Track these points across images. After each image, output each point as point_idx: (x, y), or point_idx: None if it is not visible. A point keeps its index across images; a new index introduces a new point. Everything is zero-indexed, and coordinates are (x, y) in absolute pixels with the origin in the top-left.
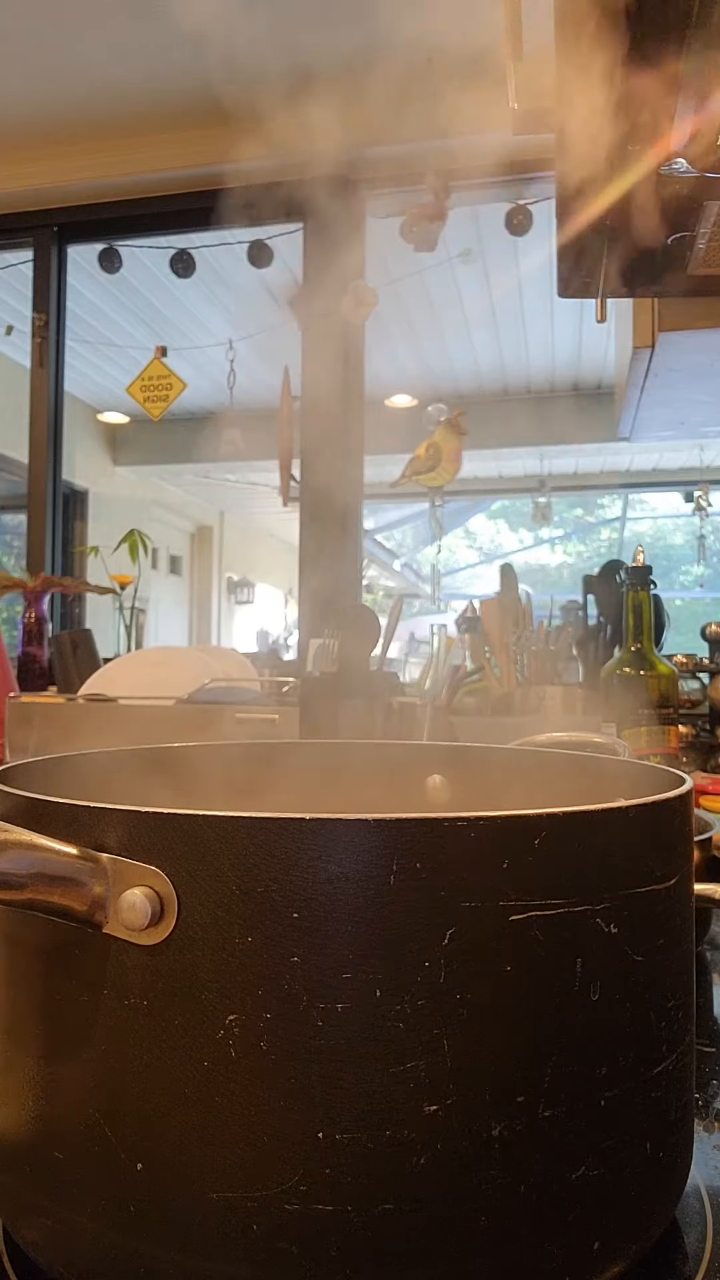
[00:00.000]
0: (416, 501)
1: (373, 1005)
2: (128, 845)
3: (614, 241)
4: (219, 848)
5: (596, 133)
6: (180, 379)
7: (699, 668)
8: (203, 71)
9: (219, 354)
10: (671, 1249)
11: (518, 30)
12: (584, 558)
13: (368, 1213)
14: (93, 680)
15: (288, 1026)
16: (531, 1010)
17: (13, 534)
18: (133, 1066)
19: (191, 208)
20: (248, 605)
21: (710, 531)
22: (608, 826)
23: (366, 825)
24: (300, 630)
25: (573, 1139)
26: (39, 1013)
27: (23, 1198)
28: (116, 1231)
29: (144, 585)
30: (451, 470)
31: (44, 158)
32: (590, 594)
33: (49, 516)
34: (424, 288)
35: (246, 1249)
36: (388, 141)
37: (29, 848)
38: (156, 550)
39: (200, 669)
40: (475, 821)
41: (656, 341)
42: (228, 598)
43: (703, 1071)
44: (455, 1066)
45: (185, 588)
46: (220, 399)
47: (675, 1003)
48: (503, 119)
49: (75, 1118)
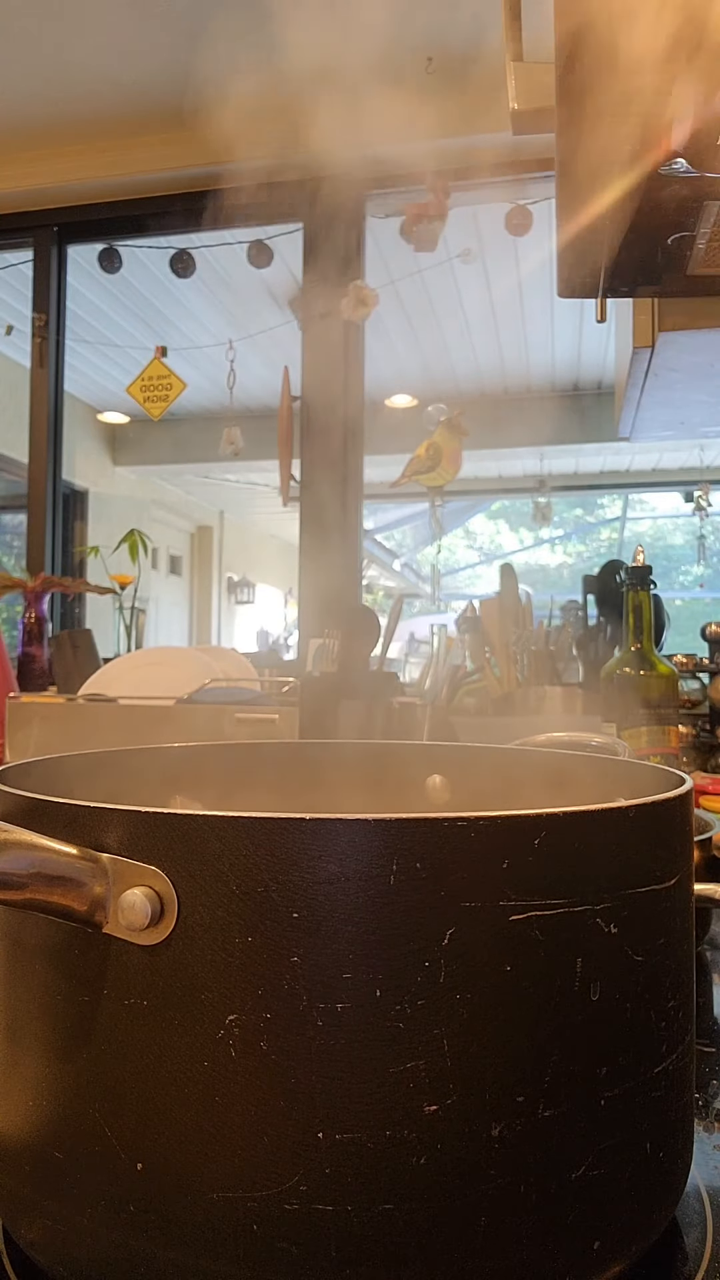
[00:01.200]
0: (416, 501)
1: (373, 1005)
2: (128, 845)
3: (613, 241)
4: (219, 848)
5: (597, 132)
6: (180, 379)
7: (699, 668)
8: (203, 71)
9: (219, 354)
10: (671, 1249)
11: (517, 30)
12: (584, 558)
13: (368, 1213)
14: (93, 680)
15: (288, 1026)
16: (531, 1010)
17: (13, 534)
18: (133, 1066)
19: (192, 208)
20: (248, 605)
21: (710, 531)
22: (608, 826)
23: (366, 825)
24: (300, 630)
25: (573, 1139)
26: (39, 1013)
27: (23, 1198)
28: (116, 1231)
29: (144, 585)
30: (451, 470)
31: (44, 158)
32: (590, 594)
33: (49, 516)
34: (424, 288)
35: (246, 1249)
36: (387, 141)
37: (29, 848)
38: (156, 550)
39: (200, 669)
40: (475, 821)
41: (656, 341)
42: (228, 598)
43: (703, 1071)
44: (455, 1066)
45: (185, 588)
46: (220, 399)
47: (675, 1003)
48: (502, 119)
49: (75, 1118)
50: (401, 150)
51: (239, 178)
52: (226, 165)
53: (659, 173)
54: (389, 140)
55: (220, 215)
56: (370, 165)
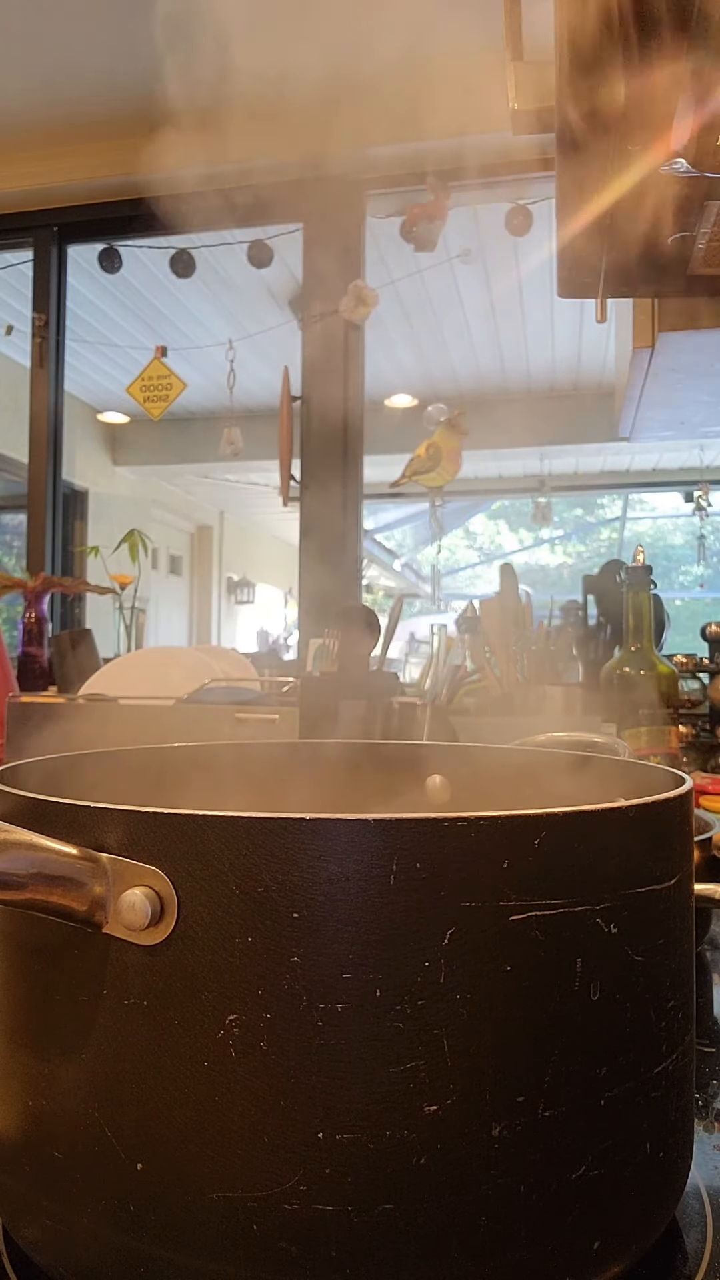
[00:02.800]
0: (416, 501)
1: (373, 1005)
2: (128, 845)
3: (614, 241)
4: (219, 848)
5: (596, 133)
6: (180, 379)
7: (699, 668)
8: (203, 71)
9: (219, 354)
10: (671, 1249)
11: (518, 30)
12: (584, 558)
13: (368, 1213)
14: (93, 680)
15: (288, 1026)
16: (531, 1010)
17: (13, 534)
18: (133, 1066)
19: (191, 208)
20: (248, 605)
21: (710, 531)
22: (608, 826)
23: (366, 825)
24: (300, 630)
25: (573, 1139)
26: (39, 1013)
27: (23, 1198)
28: (116, 1231)
29: (144, 585)
30: (451, 470)
31: (44, 158)
32: (590, 594)
33: (49, 516)
34: (424, 288)
35: (246, 1249)
36: (387, 141)
37: (29, 848)
38: (156, 550)
39: (200, 669)
40: (475, 821)
41: (656, 341)
42: (228, 598)
43: (703, 1071)
44: (455, 1066)
45: (185, 588)
46: (220, 399)
47: (675, 1003)
48: (502, 119)
49: (75, 1118)
50: (401, 150)
51: (240, 178)
52: (227, 165)
53: (659, 173)
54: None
55: (220, 215)
56: (370, 165)
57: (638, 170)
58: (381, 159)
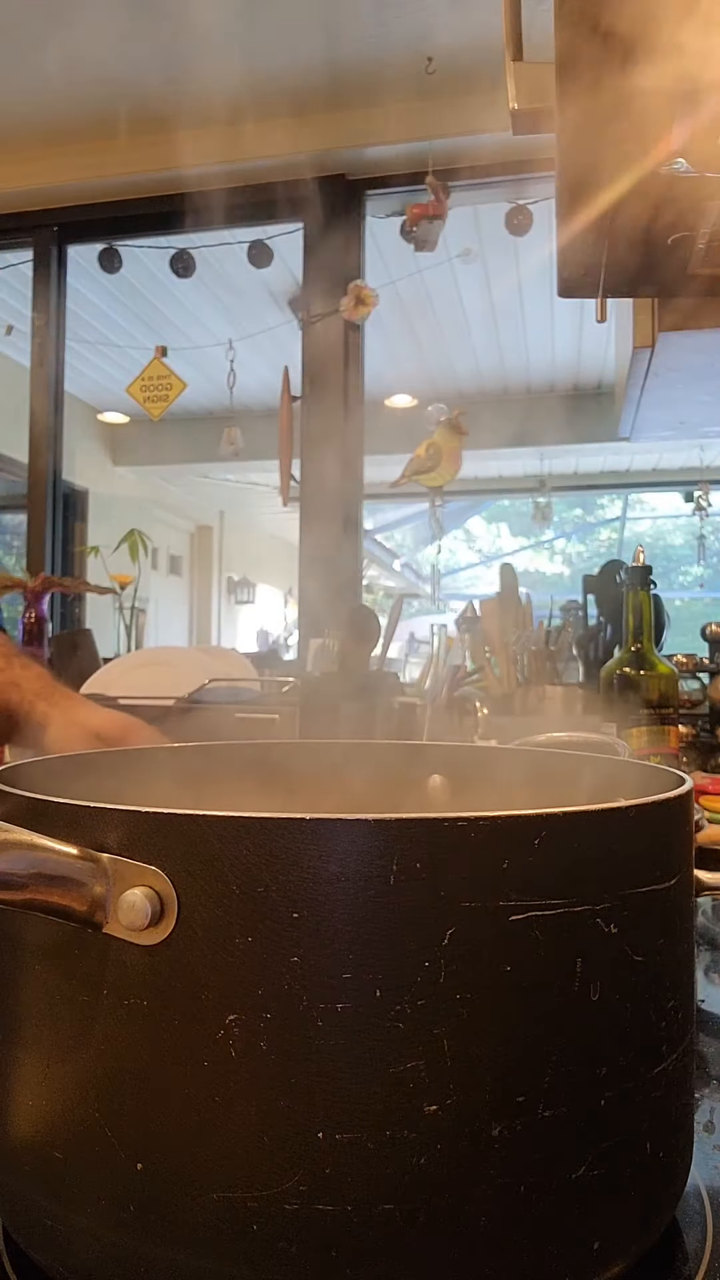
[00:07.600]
0: (416, 501)
1: (373, 1005)
2: (128, 845)
3: (614, 242)
4: (219, 848)
5: (596, 132)
6: (180, 379)
7: (699, 668)
8: (203, 71)
9: (219, 354)
10: (671, 1249)
11: (517, 30)
12: (584, 558)
13: (368, 1213)
14: (93, 680)
15: (288, 1026)
16: (531, 1010)
17: (13, 534)
18: (133, 1066)
19: (192, 208)
20: (248, 605)
21: (710, 531)
22: (608, 826)
23: (366, 825)
24: (300, 630)
25: (573, 1139)
26: (39, 1013)
27: (23, 1198)
28: (116, 1231)
29: (144, 585)
30: (451, 470)
31: (44, 157)
32: (590, 594)
33: (49, 516)
34: (424, 288)
35: (246, 1249)
36: (387, 141)
37: (29, 848)
38: (156, 550)
39: (200, 669)
40: (475, 821)
41: (656, 341)
42: (228, 598)
43: (703, 1072)
44: (455, 1066)
45: (185, 588)
46: (220, 399)
47: (675, 1003)
48: (502, 119)
49: (75, 1118)
50: (401, 150)
51: (240, 177)
52: (226, 165)
53: (659, 173)
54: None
55: (221, 215)
56: (370, 165)
57: (638, 170)
58: (382, 159)
